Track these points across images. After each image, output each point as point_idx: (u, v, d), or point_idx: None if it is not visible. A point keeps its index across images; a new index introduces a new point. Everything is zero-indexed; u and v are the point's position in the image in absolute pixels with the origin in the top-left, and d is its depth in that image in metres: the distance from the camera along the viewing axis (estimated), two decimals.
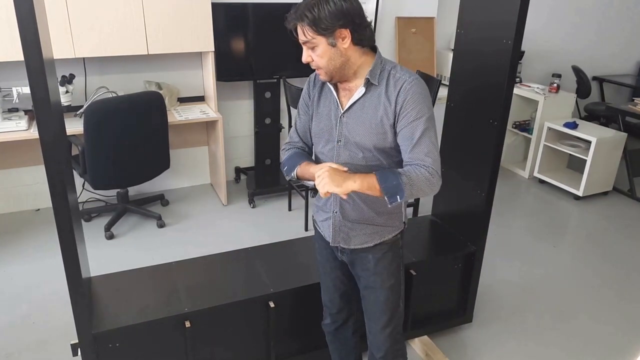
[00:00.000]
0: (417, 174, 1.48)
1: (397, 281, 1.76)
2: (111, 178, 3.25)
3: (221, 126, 3.66)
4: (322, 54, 1.50)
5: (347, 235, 1.72)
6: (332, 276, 1.88)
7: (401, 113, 1.51)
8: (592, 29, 5.43)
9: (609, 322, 2.76)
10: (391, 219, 1.71)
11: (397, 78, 1.53)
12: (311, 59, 1.53)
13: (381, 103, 1.53)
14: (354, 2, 1.47)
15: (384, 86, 1.54)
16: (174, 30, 3.39)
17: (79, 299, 1.75)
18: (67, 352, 1.95)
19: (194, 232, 3.51)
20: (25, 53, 1.39)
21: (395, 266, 1.75)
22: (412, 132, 1.50)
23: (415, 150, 1.50)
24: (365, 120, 1.56)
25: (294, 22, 1.49)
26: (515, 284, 3.06)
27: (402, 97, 1.50)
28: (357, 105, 1.57)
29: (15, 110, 3.36)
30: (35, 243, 3.29)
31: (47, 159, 1.51)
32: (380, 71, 1.55)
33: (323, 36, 1.47)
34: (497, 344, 2.57)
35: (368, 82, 1.54)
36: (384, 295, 1.74)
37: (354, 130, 1.58)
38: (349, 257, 1.77)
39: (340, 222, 1.71)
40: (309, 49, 1.52)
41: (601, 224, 3.89)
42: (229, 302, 2.03)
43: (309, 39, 1.48)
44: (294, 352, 2.27)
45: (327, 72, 1.54)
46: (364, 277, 1.76)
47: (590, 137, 4.04)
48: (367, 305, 1.80)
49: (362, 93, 1.56)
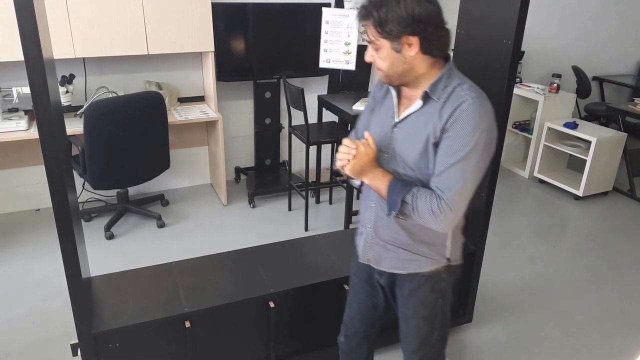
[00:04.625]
0: (425, 202, 1.36)
1: (432, 313, 1.61)
2: (111, 178, 3.25)
3: (221, 126, 3.66)
4: (384, 57, 1.38)
5: (379, 255, 1.60)
6: (359, 298, 1.78)
7: (446, 131, 1.35)
8: (592, 29, 5.43)
9: (609, 322, 2.76)
10: (430, 250, 1.54)
11: (459, 96, 1.36)
12: (373, 60, 1.42)
13: (432, 120, 1.38)
14: (430, 7, 1.32)
15: (442, 103, 1.38)
16: (174, 30, 3.39)
17: (79, 299, 1.75)
18: (67, 352, 1.95)
19: (194, 232, 3.51)
20: (25, 53, 1.39)
21: (432, 300, 1.59)
22: (447, 156, 1.35)
23: (441, 177, 1.37)
24: (414, 136, 1.42)
25: (360, 19, 1.37)
26: (515, 284, 3.06)
27: (454, 116, 1.34)
28: (412, 117, 1.44)
29: (15, 110, 3.36)
30: (35, 243, 3.29)
31: (47, 159, 1.51)
32: (445, 86, 1.39)
33: (387, 40, 1.35)
34: (497, 344, 2.57)
35: (426, 95, 1.40)
36: (415, 324, 1.63)
37: (402, 143, 1.46)
38: (387, 281, 1.65)
39: (372, 239, 1.60)
40: (373, 48, 1.40)
41: (601, 224, 3.89)
42: (229, 302, 2.03)
43: (372, 40, 1.38)
44: (294, 352, 2.27)
45: (386, 75, 1.42)
46: (399, 302, 1.66)
47: (590, 137, 4.04)
48: (400, 327, 1.71)
49: (418, 106, 1.42)
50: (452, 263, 1.58)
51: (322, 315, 2.26)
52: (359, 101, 3.44)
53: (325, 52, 3.70)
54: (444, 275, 1.58)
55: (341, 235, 2.72)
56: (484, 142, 1.36)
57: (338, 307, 2.24)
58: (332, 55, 3.68)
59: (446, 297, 1.62)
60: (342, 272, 2.22)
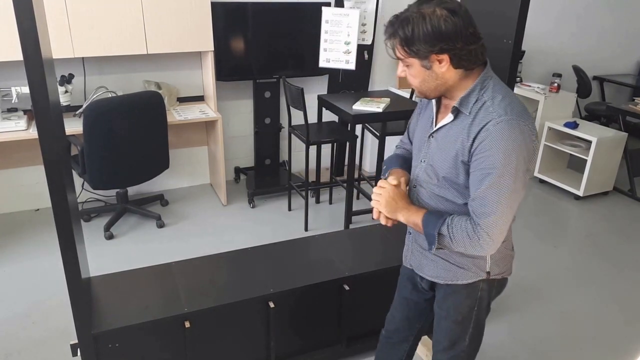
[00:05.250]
0: (461, 231, 1.34)
1: (464, 318, 1.58)
2: (110, 178, 3.25)
3: (221, 126, 3.66)
4: (415, 74, 1.35)
5: (420, 262, 1.61)
6: (402, 295, 1.79)
7: (475, 154, 1.31)
8: (592, 29, 5.43)
9: (609, 322, 2.76)
10: (470, 263, 1.50)
11: (488, 112, 1.30)
12: (405, 75, 1.38)
13: (461, 135, 1.35)
14: (458, 21, 1.26)
15: (472, 117, 1.33)
16: (174, 29, 3.39)
17: (79, 299, 1.75)
18: (67, 352, 1.95)
19: (194, 233, 3.51)
20: (24, 53, 1.39)
21: (466, 306, 1.56)
22: (480, 180, 1.31)
23: (475, 201, 1.33)
24: (445, 148, 1.40)
25: (387, 37, 1.35)
26: (516, 283, 3.05)
27: (480, 137, 1.29)
28: (444, 129, 1.42)
29: (15, 110, 3.35)
30: (35, 243, 3.29)
31: (46, 158, 1.51)
32: (476, 99, 1.34)
33: (416, 58, 1.31)
34: (498, 343, 2.57)
35: (456, 109, 1.37)
36: (447, 325, 1.62)
37: (435, 154, 1.44)
38: (428, 284, 1.65)
39: (413, 245, 1.62)
40: (403, 65, 1.37)
41: (601, 224, 3.89)
42: (229, 302, 2.03)
43: (401, 58, 1.34)
44: (294, 352, 2.26)
45: (420, 91, 1.40)
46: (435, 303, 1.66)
47: (591, 137, 4.03)
48: (435, 326, 1.69)
49: (450, 119, 1.40)
50: (492, 277, 1.53)
51: (322, 315, 2.26)
52: (359, 101, 3.44)
53: (325, 52, 3.69)
54: (482, 286, 1.54)
55: (341, 235, 2.72)
56: (516, 164, 1.28)
57: (338, 307, 2.25)
58: (332, 54, 3.68)
59: (482, 307, 1.57)
60: (342, 272, 2.22)
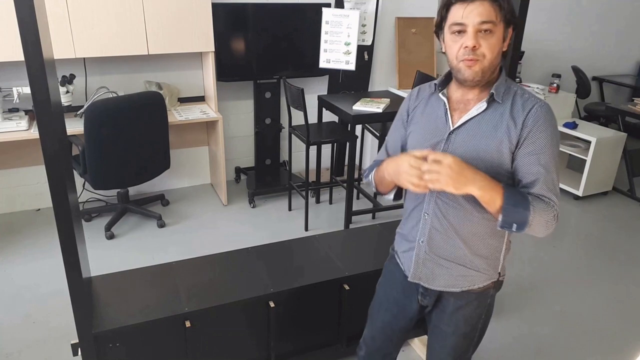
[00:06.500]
0: (542, 215, 1.28)
1: (472, 329, 1.53)
2: (111, 178, 3.25)
3: (221, 126, 3.67)
4: (495, 44, 1.29)
5: (432, 272, 1.48)
6: (386, 317, 1.66)
7: (528, 139, 1.31)
8: (591, 29, 5.43)
9: (610, 322, 2.76)
10: (486, 264, 1.46)
11: (525, 99, 1.34)
12: (479, 45, 1.27)
13: (504, 123, 1.33)
14: None
15: (508, 105, 1.34)
16: (174, 30, 3.40)
17: (79, 298, 1.75)
18: (67, 352, 1.96)
19: (194, 232, 3.51)
20: (25, 53, 1.39)
21: (476, 316, 1.52)
22: (540, 162, 1.31)
23: (541, 184, 1.31)
24: (481, 140, 1.34)
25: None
26: (515, 283, 3.06)
27: (531, 120, 1.31)
28: (472, 122, 1.36)
29: (16, 110, 3.36)
30: (35, 243, 3.30)
31: (47, 159, 1.51)
32: (505, 89, 1.36)
33: (503, 24, 1.28)
34: (497, 344, 2.57)
35: (492, 97, 1.34)
36: (453, 342, 1.54)
37: (464, 149, 1.36)
38: (431, 300, 1.54)
39: (425, 254, 1.48)
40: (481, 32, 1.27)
41: (601, 224, 3.89)
42: (229, 302, 2.03)
43: (492, 20, 1.26)
44: (294, 352, 2.27)
45: (483, 68, 1.30)
46: (437, 318, 1.56)
47: (590, 137, 4.04)
48: (433, 343, 1.61)
49: (482, 109, 1.35)
50: (500, 278, 1.52)
51: (322, 315, 2.26)
52: (359, 101, 3.44)
53: (325, 52, 3.70)
54: (492, 292, 1.51)
55: (341, 235, 2.72)
56: (558, 143, 1.36)
57: (338, 307, 2.25)
58: (332, 55, 3.69)
59: (489, 313, 1.55)
60: (342, 272, 2.22)
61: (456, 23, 1.28)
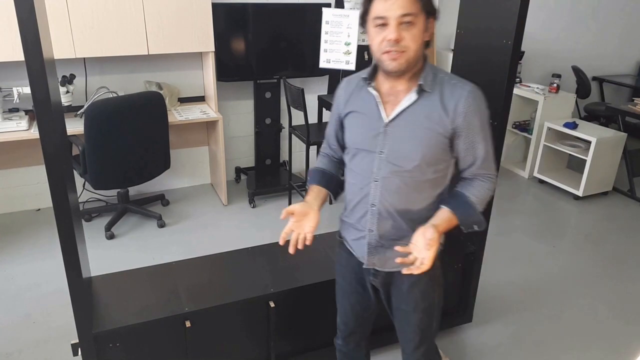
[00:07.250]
0: (483, 191, 1.49)
1: (430, 304, 1.63)
2: (111, 178, 3.25)
3: (221, 126, 3.67)
4: (417, 36, 1.33)
5: (384, 256, 1.56)
6: (351, 300, 1.74)
7: (462, 125, 1.40)
8: (591, 29, 5.43)
9: (609, 322, 2.76)
10: None
11: (453, 85, 1.41)
12: (401, 37, 1.31)
13: (435, 112, 1.39)
14: None
15: (437, 94, 1.40)
16: (175, 30, 3.40)
17: (79, 298, 1.75)
18: (68, 351, 1.96)
19: (194, 232, 3.51)
20: (25, 53, 1.40)
21: (430, 290, 1.61)
22: (476, 147, 1.45)
23: (484, 164, 1.48)
24: (416, 130, 1.41)
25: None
26: (515, 283, 3.06)
27: (462, 107, 1.39)
28: (406, 113, 1.42)
29: (16, 110, 3.36)
30: (35, 243, 3.30)
31: (47, 159, 1.51)
32: (433, 77, 1.41)
33: (423, 15, 1.33)
34: (497, 344, 2.57)
35: (421, 88, 1.40)
36: (416, 318, 1.63)
37: (401, 140, 1.42)
38: (383, 281, 1.62)
39: (377, 241, 1.55)
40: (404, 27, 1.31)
41: (601, 224, 3.89)
42: (229, 302, 2.03)
43: (413, 12, 1.31)
44: (294, 352, 2.27)
45: (408, 59, 1.35)
46: (396, 300, 1.64)
47: (590, 137, 4.04)
48: (399, 326, 1.70)
49: (412, 100, 1.41)
50: (441, 247, 1.57)
51: (322, 315, 2.26)
52: None
53: (326, 52, 3.70)
54: (437, 263, 1.56)
55: None
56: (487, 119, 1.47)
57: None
58: (332, 55, 3.69)
59: (440, 284, 1.66)
60: None
61: (378, 17, 1.32)
